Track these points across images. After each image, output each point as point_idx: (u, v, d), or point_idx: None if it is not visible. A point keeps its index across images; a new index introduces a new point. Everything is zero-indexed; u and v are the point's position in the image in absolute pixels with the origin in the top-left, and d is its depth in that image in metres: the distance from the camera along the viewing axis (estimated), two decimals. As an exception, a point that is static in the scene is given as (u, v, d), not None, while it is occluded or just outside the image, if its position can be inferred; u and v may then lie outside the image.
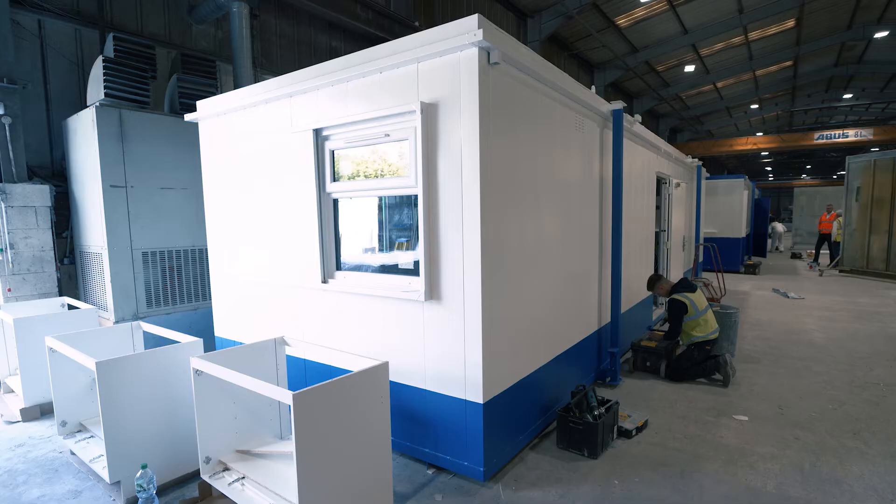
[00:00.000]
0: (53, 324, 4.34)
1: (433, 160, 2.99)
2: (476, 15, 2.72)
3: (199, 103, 4.63)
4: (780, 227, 19.33)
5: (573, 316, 4.24)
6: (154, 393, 3.15)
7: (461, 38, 2.71)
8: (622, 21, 15.21)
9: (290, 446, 2.87)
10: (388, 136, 3.22)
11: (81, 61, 6.06)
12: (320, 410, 2.38)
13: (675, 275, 7.74)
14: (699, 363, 4.87)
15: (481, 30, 2.64)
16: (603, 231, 4.77)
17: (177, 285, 5.60)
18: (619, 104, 4.62)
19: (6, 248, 5.12)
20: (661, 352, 4.99)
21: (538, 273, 3.59)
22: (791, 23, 15.59)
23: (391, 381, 3.32)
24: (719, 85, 21.03)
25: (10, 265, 5.16)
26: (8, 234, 5.12)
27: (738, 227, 12.41)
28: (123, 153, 5.12)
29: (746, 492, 3.00)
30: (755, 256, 15.75)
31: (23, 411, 4.26)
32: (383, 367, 2.72)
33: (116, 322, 5.14)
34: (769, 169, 45.29)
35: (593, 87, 4.61)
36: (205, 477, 2.97)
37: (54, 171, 5.89)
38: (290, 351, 3.44)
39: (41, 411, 4.33)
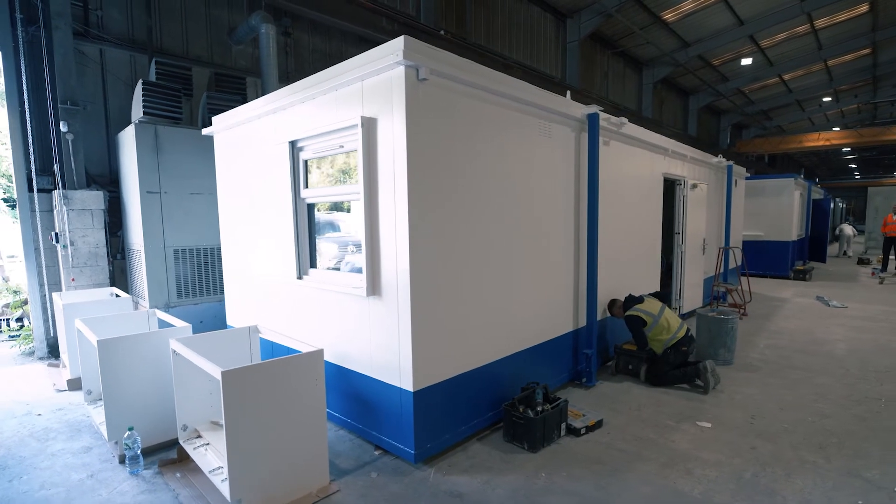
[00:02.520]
0: (95, 309, 5.10)
1: (374, 169, 3.30)
2: (403, 36, 3.00)
3: (214, 118, 5.25)
4: (848, 230, 17.50)
5: (536, 318, 4.35)
6: (147, 369, 3.70)
7: (389, 58, 3.01)
8: (669, 16, 14.65)
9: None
10: (343, 147, 3.58)
11: (134, 82, 6.96)
12: (249, 388, 2.77)
13: (691, 278, 7.47)
14: (678, 366, 4.80)
15: (402, 49, 2.92)
16: (580, 236, 4.83)
17: (203, 279, 6.31)
18: (593, 108, 4.66)
19: (67, 245, 6.06)
20: (641, 355, 4.96)
21: (487, 276, 3.77)
22: (864, 7, 14.22)
23: (346, 368, 3.70)
24: (786, 77, 19.49)
25: (71, 259, 6.10)
26: (69, 232, 6.06)
27: (787, 229, 11.55)
28: (158, 163, 5.89)
29: (670, 494, 3.03)
30: (814, 261, 14.49)
31: (69, 382, 5.07)
32: (318, 354, 3.07)
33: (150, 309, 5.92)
34: (853, 166, 40.83)
35: (568, 92, 4.68)
36: (181, 442, 3.48)
37: (111, 179, 6.84)
38: (265, 336, 3.90)
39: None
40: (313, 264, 4.17)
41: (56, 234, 6.05)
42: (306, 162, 4.04)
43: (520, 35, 12.93)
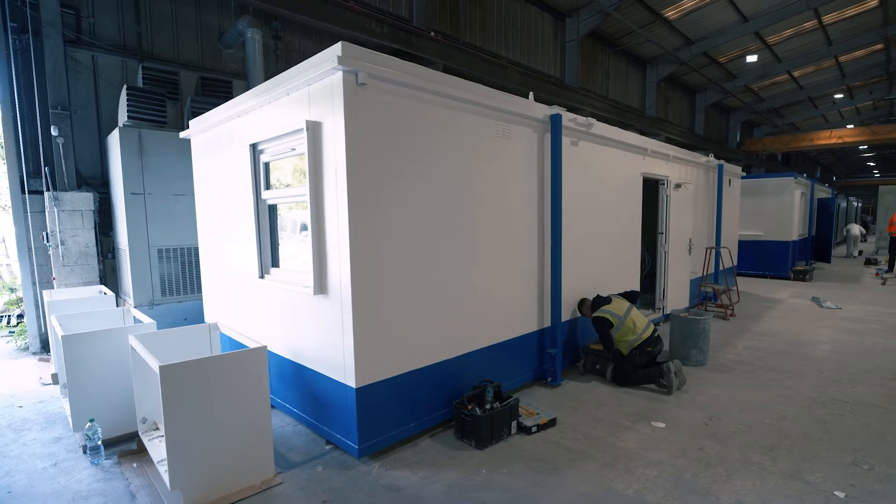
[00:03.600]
0: (77, 306, 5.30)
1: (320, 171, 3.38)
2: (340, 42, 3.09)
3: (190, 122, 5.39)
4: (855, 229, 17.01)
5: (495, 317, 4.37)
6: (111, 363, 3.83)
7: (328, 64, 3.09)
8: (670, 13, 14.50)
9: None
10: (294, 150, 3.68)
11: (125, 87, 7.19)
12: (189, 382, 2.87)
13: (675, 278, 7.41)
14: (643, 366, 4.79)
15: (337, 55, 3.00)
16: (544, 238, 4.84)
17: (187, 278, 6.48)
18: (556, 109, 4.68)
19: (58, 244, 6.29)
20: (608, 355, 4.96)
21: (438, 277, 3.81)
22: (873, 2, 13.86)
23: (301, 365, 3.80)
24: (796, 74, 19.09)
25: (61, 258, 6.33)
26: (59, 233, 6.29)
27: (788, 229, 11.33)
28: (142, 166, 6.06)
29: (604, 492, 3.05)
30: (818, 262, 14.17)
31: (53, 375, 5.28)
32: (261, 351, 3.17)
33: (135, 307, 6.11)
34: (872, 164, 39.61)
35: (531, 94, 4.71)
36: (140, 434, 3.62)
37: (103, 181, 7.06)
38: (225, 333, 4.02)
39: (66, 377, 5.32)
40: (275, 263, 4.28)
41: (47, 233, 6.29)
42: (267, 164, 4.15)
43: (517, 35, 12.92)
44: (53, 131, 6.25)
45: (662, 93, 18.45)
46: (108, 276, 7.01)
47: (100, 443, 3.59)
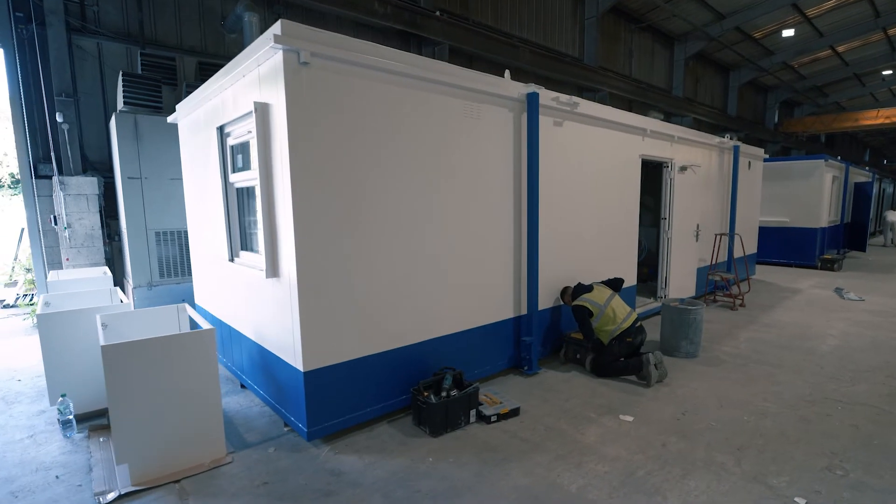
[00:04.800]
0: (77, 285, 5.52)
1: (269, 154, 3.35)
2: (280, 20, 3.01)
3: (177, 106, 5.46)
4: (893, 216, 15.69)
5: (464, 304, 4.27)
6: (85, 341, 3.98)
7: (268, 43, 3.02)
8: (698, -15, 13.66)
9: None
10: (250, 132, 3.65)
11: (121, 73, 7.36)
12: (133, 362, 2.94)
13: (680, 266, 7.07)
14: (623, 357, 4.60)
15: (274, 34, 2.93)
16: (521, 224, 4.68)
17: (184, 260, 6.65)
18: (532, 87, 4.47)
19: (66, 227, 6.56)
20: (588, 345, 4.79)
21: (395, 264, 3.73)
22: (927, -34, 12.64)
23: (263, 347, 3.84)
24: (840, 49, 17.71)
25: (69, 241, 6.61)
26: (66, 216, 6.55)
27: (816, 215, 10.61)
28: (139, 151, 6.20)
29: (545, 487, 2.95)
30: (854, 250, 13.25)
31: (53, 352, 5.55)
32: (209, 333, 3.20)
33: (134, 288, 6.34)
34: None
35: (507, 72, 4.51)
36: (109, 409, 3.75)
37: (109, 166, 7.30)
38: (192, 315, 4.10)
39: (65, 353, 5.57)
40: (245, 247, 4.30)
41: (55, 216, 6.57)
42: (234, 147, 4.15)
43: (532, 12, 12.49)
44: (58, 118, 6.47)
45: (692, 71, 17.51)
46: (116, 258, 7.28)
47: (71, 417, 3.74)
